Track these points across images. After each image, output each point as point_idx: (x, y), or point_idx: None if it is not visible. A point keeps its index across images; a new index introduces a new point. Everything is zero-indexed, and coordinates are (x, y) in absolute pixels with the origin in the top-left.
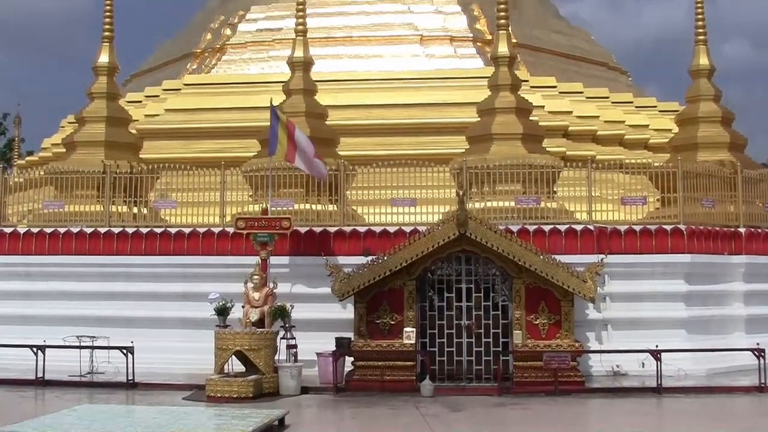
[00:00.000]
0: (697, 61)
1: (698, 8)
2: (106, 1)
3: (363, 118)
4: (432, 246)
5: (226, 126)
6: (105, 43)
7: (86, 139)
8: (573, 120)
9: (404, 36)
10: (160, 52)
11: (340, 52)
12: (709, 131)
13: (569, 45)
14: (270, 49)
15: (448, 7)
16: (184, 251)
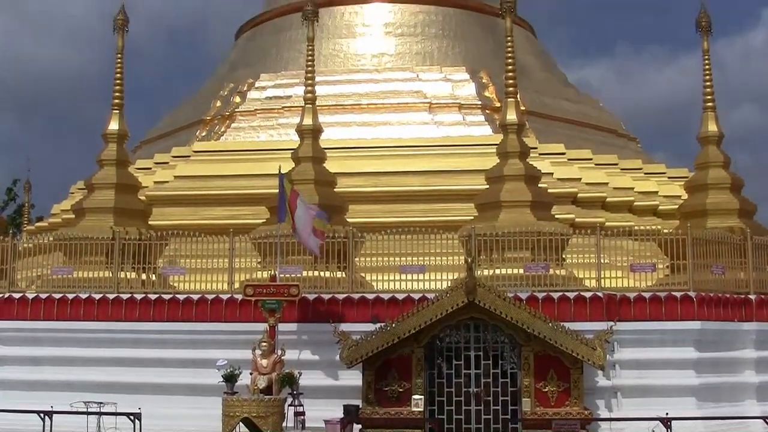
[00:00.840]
0: (706, 128)
1: (706, 75)
2: (116, 70)
3: (372, 186)
4: (441, 313)
5: (235, 193)
6: (115, 110)
7: (95, 206)
8: (582, 187)
9: (413, 103)
10: (169, 119)
11: (349, 119)
12: (719, 198)
13: (578, 112)
14: (279, 116)
15: (457, 74)
16: (193, 318)
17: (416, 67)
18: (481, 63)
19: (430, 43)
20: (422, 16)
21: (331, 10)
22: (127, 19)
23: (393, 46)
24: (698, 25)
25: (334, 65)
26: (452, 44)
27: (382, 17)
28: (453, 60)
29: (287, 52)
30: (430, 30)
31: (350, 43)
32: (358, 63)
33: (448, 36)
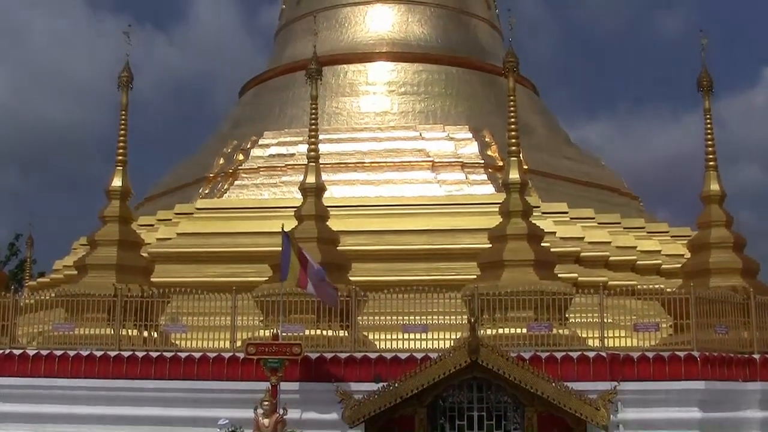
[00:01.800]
0: (708, 187)
1: (708, 135)
2: (120, 127)
3: (374, 244)
4: (443, 373)
5: (237, 251)
6: (118, 167)
7: (98, 262)
8: (585, 246)
9: (416, 162)
10: (173, 176)
11: (352, 177)
12: (722, 257)
13: (580, 171)
14: (282, 174)
15: (460, 133)
16: (194, 376)
17: (419, 126)
18: (483, 121)
19: (433, 102)
20: (425, 75)
21: (335, 68)
22: (132, 76)
23: (396, 104)
24: (699, 85)
25: (337, 123)
26: (455, 103)
27: (385, 76)
28: (456, 118)
29: (291, 109)
30: (433, 89)
31: (354, 101)
32: (362, 121)
33: (451, 95)
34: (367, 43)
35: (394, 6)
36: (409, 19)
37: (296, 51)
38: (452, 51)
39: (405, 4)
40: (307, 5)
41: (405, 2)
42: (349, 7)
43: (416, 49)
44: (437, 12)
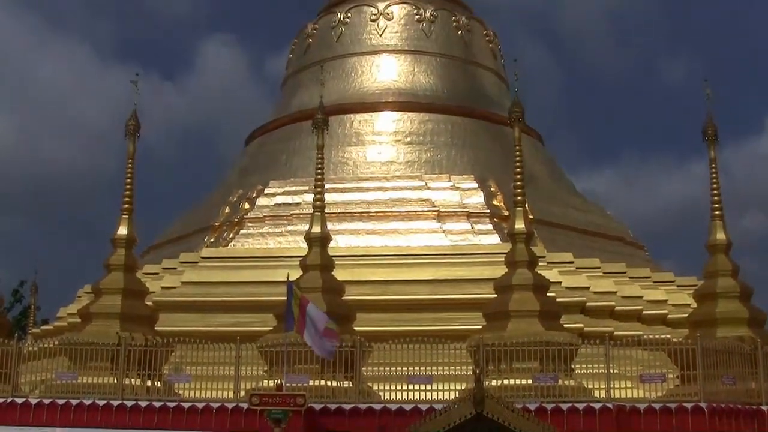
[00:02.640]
0: (714, 237)
1: (713, 184)
2: (126, 175)
3: (379, 294)
4: (449, 425)
5: (242, 300)
6: (124, 215)
7: (102, 311)
8: (590, 296)
9: (421, 212)
10: (178, 224)
11: (358, 227)
12: (728, 307)
13: (586, 220)
14: (288, 223)
15: (465, 183)
16: (197, 426)
17: (425, 176)
18: (489, 171)
19: (439, 152)
20: (431, 125)
21: (341, 118)
22: (139, 125)
23: (402, 154)
24: (704, 134)
25: (343, 173)
26: (461, 153)
27: (391, 126)
28: (461, 168)
29: (297, 159)
30: (439, 138)
31: (360, 150)
32: (368, 171)
33: (456, 144)
34: (373, 93)
35: (401, 56)
36: (416, 69)
37: (303, 100)
38: (458, 101)
39: (411, 54)
40: (314, 55)
41: (411, 52)
42: (356, 57)
43: (422, 99)
44: (443, 62)
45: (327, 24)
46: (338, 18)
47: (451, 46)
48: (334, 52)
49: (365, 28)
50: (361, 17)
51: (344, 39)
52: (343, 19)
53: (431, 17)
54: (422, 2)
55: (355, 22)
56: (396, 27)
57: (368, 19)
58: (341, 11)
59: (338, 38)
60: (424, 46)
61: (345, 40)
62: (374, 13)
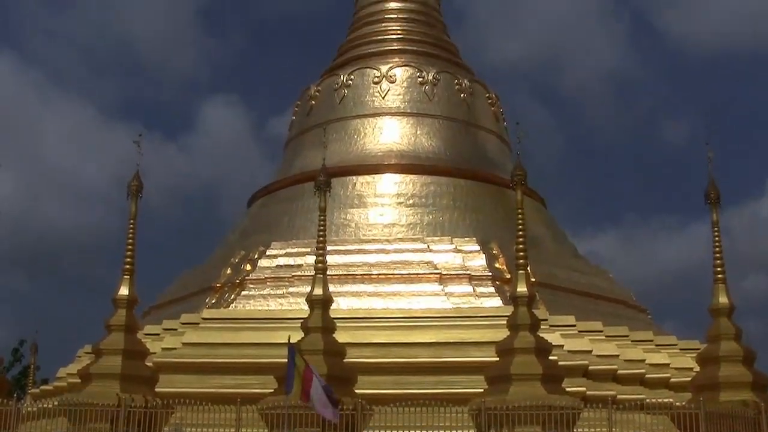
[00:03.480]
0: (717, 301)
1: (716, 247)
2: (128, 235)
3: (381, 357)
4: None
5: (243, 362)
6: (125, 275)
7: (102, 371)
8: (593, 359)
9: (423, 274)
10: (179, 285)
11: (360, 289)
12: (731, 371)
13: (588, 283)
14: (289, 285)
15: (468, 245)
16: None
17: (427, 238)
18: (491, 233)
19: (441, 214)
20: (433, 187)
21: (344, 180)
22: (141, 185)
23: (404, 216)
24: (707, 198)
25: (345, 234)
26: (463, 215)
27: (393, 188)
28: (464, 231)
29: (299, 220)
30: (441, 201)
31: (362, 212)
32: (369, 233)
33: (459, 207)
34: (375, 155)
35: (403, 119)
36: (418, 131)
37: (305, 162)
38: (460, 163)
39: (414, 116)
40: (317, 117)
41: (414, 115)
42: (359, 119)
43: (425, 161)
44: (446, 124)
45: (330, 86)
46: (341, 80)
47: (453, 109)
48: (337, 114)
49: (368, 90)
50: (364, 80)
51: (347, 101)
52: (345, 82)
53: (434, 80)
54: (425, 65)
55: (358, 85)
56: (399, 90)
57: (371, 81)
58: (344, 74)
59: (341, 100)
60: (426, 109)
61: (348, 102)
62: (377, 76)
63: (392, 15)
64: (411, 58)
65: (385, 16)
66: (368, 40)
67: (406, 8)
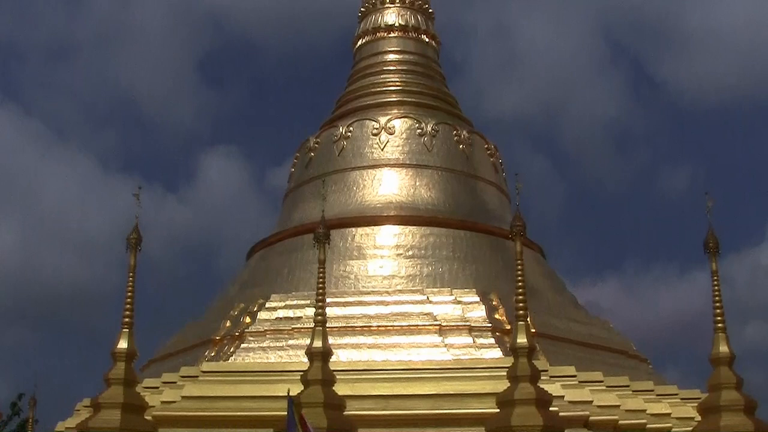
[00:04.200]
0: (717, 350)
1: (715, 296)
2: (127, 289)
3: (381, 409)
4: None
5: (242, 415)
6: (125, 329)
7: (101, 426)
8: (594, 410)
9: (423, 326)
10: (179, 337)
11: (359, 341)
12: (732, 420)
13: (588, 333)
14: (289, 337)
15: (467, 297)
16: None
17: (426, 289)
18: (491, 285)
19: (441, 265)
20: (433, 239)
21: (343, 231)
22: (140, 238)
23: (404, 268)
24: (706, 247)
25: (344, 286)
26: (462, 266)
27: (393, 239)
28: (463, 282)
29: (298, 272)
30: (441, 252)
31: (361, 264)
32: (369, 285)
33: (458, 258)
34: (375, 207)
35: (402, 170)
36: (417, 183)
37: (304, 214)
38: (460, 214)
39: (413, 168)
40: (316, 169)
41: (413, 166)
42: (358, 171)
43: (424, 213)
44: (445, 176)
45: (329, 138)
46: (340, 132)
47: (452, 160)
48: (336, 165)
49: (367, 142)
50: (363, 131)
51: (346, 153)
52: (345, 133)
53: (433, 131)
54: (424, 116)
55: (357, 136)
56: (398, 141)
57: (370, 133)
58: (343, 125)
59: (340, 152)
60: (425, 160)
61: (347, 153)
62: (376, 128)
63: (391, 67)
64: (410, 109)
65: (384, 68)
66: (367, 91)
67: (405, 60)
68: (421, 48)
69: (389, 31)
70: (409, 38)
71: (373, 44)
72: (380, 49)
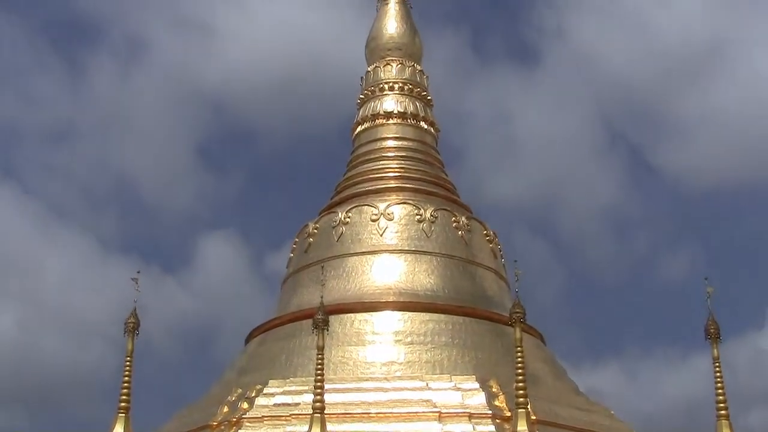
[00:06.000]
0: None
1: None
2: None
3: None
4: None
5: None
6: (121, 413)
7: None
8: None
9: (422, 413)
10: (175, 422)
11: (358, 428)
12: None
13: (589, 420)
14: (287, 424)
15: (467, 383)
16: None
17: (426, 376)
18: (491, 371)
19: (440, 352)
20: (432, 325)
21: (342, 317)
22: (138, 322)
23: (403, 354)
24: (707, 333)
25: (343, 372)
26: (462, 353)
27: (392, 326)
28: (463, 368)
29: (297, 358)
30: (440, 339)
31: (360, 350)
32: (368, 371)
33: (458, 344)
34: (374, 293)
35: (401, 256)
36: (416, 269)
37: (303, 299)
38: (459, 301)
39: (412, 254)
40: (315, 254)
41: (412, 252)
42: (357, 256)
43: (423, 299)
44: (444, 262)
45: (328, 223)
46: (339, 218)
47: (451, 246)
48: (335, 251)
49: (366, 228)
50: (362, 217)
51: (345, 239)
52: (344, 219)
53: (432, 218)
54: (423, 203)
55: (356, 222)
56: (397, 227)
57: (369, 219)
58: (342, 211)
59: (339, 238)
60: (424, 246)
61: (346, 239)
62: (375, 214)
63: (390, 153)
64: (409, 195)
65: (383, 154)
66: (366, 177)
67: (403, 146)
68: (420, 135)
69: (388, 118)
70: (408, 125)
71: (372, 131)
72: (379, 135)
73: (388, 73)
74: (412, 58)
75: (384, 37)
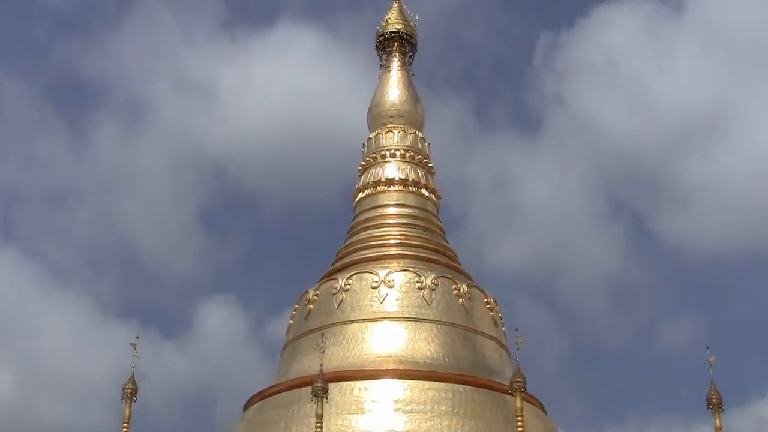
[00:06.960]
0: None
1: None
2: None
3: None
4: None
5: None
6: None
7: None
8: None
9: None
10: None
11: None
12: None
13: None
14: None
15: None
16: None
17: None
18: None
19: (440, 421)
20: (432, 393)
21: (341, 385)
22: (136, 388)
23: (402, 422)
24: (709, 403)
25: None
26: (462, 422)
27: (391, 394)
28: None
29: (295, 426)
30: (440, 407)
31: (359, 419)
32: None
33: (458, 413)
34: (374, 361)
35: (402, 323)
36: (416, 336)
37: (303, 367)
38: (459, 369)
39: (412, 321)
40: (315, 321)
41: (412, 320)
42: (357, 324)
43: (423, 367)
44: (444, 330)
45: (328, 290)
46: (339, 285)
47: (452, 314)
48: (335, 318)
49: (366, 295)
50: (363, 284)
51: (345, 306)
52: (344, 286)
53: (432, 285)
54: (423, 270)
55: (356, 289)
56: (397, 294)
57: (369, 286)
58: (342, 278)
59: (339, 305)
60: (425, 314)
61: (346, 306)
62: (375, 281)
63: (391, 220)
64: (409, 263)
65: (383, 221)
66: (367, 244)
67: (405, 214)
68: (421, 202)
69: (390, 185)
70: (410, 192)
71: (373, 197)
72: (380, 202)
73: (390, 140)
74: (413, 126)
75: (386, 105)
